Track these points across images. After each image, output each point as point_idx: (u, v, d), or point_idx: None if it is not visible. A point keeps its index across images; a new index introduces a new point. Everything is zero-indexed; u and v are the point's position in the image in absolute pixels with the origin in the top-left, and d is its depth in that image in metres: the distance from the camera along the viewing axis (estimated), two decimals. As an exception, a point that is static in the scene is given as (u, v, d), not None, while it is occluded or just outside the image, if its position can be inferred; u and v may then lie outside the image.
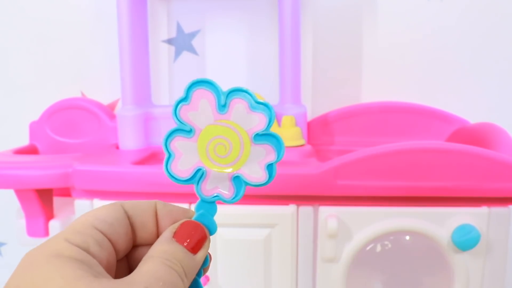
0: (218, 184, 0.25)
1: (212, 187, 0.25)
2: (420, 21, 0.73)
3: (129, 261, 0.25)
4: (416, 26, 0.73)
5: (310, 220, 0.53)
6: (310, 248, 0.54)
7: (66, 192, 0.58)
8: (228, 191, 0.25)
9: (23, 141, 0.74)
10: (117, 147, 0.69)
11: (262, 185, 0.24)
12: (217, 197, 0.25)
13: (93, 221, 0.22)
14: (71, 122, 0.71)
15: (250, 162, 0.24)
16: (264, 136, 0.24)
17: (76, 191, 0.56)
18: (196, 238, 0.22)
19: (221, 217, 0.53)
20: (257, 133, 0.24)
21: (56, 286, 0.18)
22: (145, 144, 0.69)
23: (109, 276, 0.20)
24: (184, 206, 0.54)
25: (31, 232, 0.57)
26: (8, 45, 0.77)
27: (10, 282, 0.19)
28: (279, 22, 0.66)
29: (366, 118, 0.70)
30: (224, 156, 0.24)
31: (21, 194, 0.56)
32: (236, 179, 0.25)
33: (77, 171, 0.54)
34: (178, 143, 0.24)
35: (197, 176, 0.25)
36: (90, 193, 0.56)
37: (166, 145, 0.24)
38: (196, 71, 0.76)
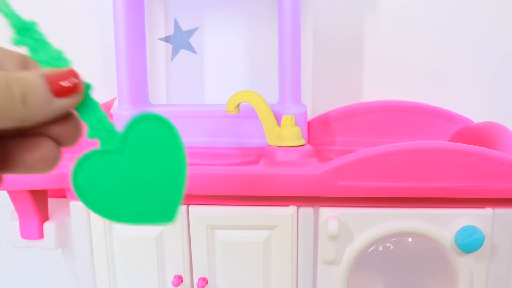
0: None
1: None
2: (422, 20, 0.72)
3: None
4: (418, 25, 0.72)
5: (311, 222, 0.53)
6: (311, 250, 0.53)
7: (61, 193, 0.58)
8: None
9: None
10: (114, 147, 0.68)
11: None
12: None
13: None
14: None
15: None
16: None
17: (72, 192, 0.55)
18: (65, 85, 0.19)
19: (220, 219, 0.53)
20: None
21: None
22: (142, 144, 0.69)
23: None
24: (182, 208, 0.53)
25: (25, 235, 0.56)
26: (3, 44, 0.76)
27: None
28: (279, 20, 0.65)
29: (367, 118, 0.69)
30: None
31: (15, 196, 0.55)
32: None
33: (72, 172, 0.54)
34: None
35: None
36: (86, 194, 0.55)
37: None
38: (194, 70, 0.75)
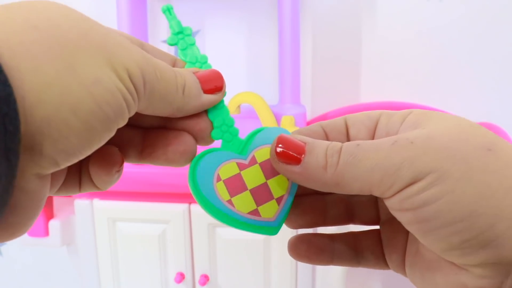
0: None
1: None
2: (420, 21, 0.73)
3: None
4: (416, 27, 0.73)
5: (310, 220, 0.53)
6: (310, 248, 0.54)
7: (66, 192, 0.58)
8: None
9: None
10: (117, 147, 0.69)
11: None
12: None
13: None
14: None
15: None
16: None
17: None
18: (213, 84, 0.21)
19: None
20: None
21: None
22: (145, 144, 0.69)
23: None
24: (184, 206, 0.54)
25: (31, 232, 0.57)
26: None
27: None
28: (279, 22, 0.66)
29: (365, 118, 0.70)
30: None
31: (21, 194, 0.56)
32: None
33: (77, 171, 0.54)
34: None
35: None
36: (90, 193, 0.56)
37: None
38: (196, 71, 0.75)
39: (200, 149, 0.22)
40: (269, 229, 0.23)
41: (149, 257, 0.56)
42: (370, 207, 0.23)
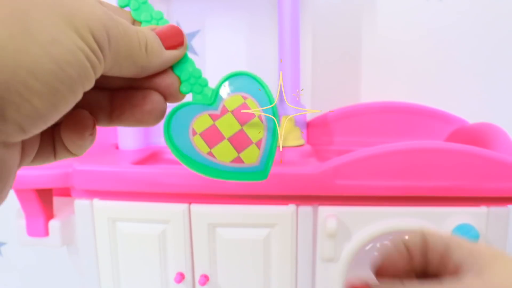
0: None
1: None
2: (420, 21, 0.73)
3: None
4: (416, 26, 0.73)
5: (310, 220, 0.53)
6: (310, 248, 0.54)
7: (66, 192, 0.58)
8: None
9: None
10: (117, 147, 0.69)
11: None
12: None
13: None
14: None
15: None
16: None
17: (76, 191, 0.56)
18: (174, 39, 0.21)
19: (221, 217, 0.54)
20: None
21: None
22: (145, 144, 0.69)
23: None
24: (184, 206, 0.54)
25: (31, 232, 0.57)
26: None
27: None
28: (279, 22, 0.66)
29: (365, 118, 0.70)
30: None
31: (21, 194, 0.55)
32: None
33: (77, 171, 0.54)
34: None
35: None
36: (90, 193, 0.56)
37: None
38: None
39: (172, 106, 0.22)
40: (256, 174, 0.23)
41: (149, 257, 0.56)
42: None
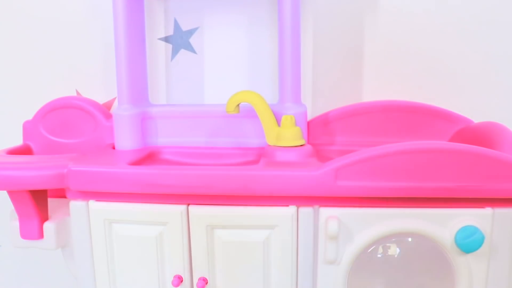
0: None
1: None
2: (422, 21, 0.72)
3: None
4: (418, 25, 0.72)
5: (310, 222, 0.53)
6: (310, 250, 0.53)
7: (61, 193, 0.58)
8: None
9: (17, 141, 0.73)
10: (113, 147, 0.68)
11: None
12: None
13: None
14: (66, 122, 0.70)
15: None
16: None
17: (71, 192, 0.55)
18: None
19: (220, 219, 0.53)
20: None
21: None
22: (142, 144, 0.69)
23: None
24: (182, 208, 0.54)
25: (25, 234, 0.56)
26: (3, 44, 0.76)
27: None
28: (279, 20, 0.65)
29: (367, 118, 0.69)
30: None
31: (15, 196, 0.55)
32: None
33: (72, 172, 0.54)
34: None
35: None
36: (86, 194, 0.55)
37: None
38: (194, 70, 0.75)
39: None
40: None
41: (146, 260, 0.55)
42: None
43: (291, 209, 0.52)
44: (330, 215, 0.52)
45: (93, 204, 0.55)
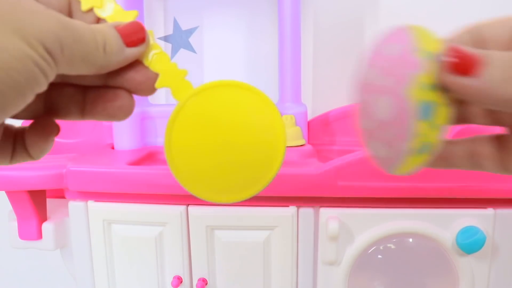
0: None
1: None
2: (423, 20, 0.72)
3: None
4: (419, 23, 0.72)
5: (311, 222, 0.52)
6: (311, 251, 0.53)
7: (60, 194, 0.57)
8: None
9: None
10: (113, 147, 0.68)
11: None
12: None
13: None
14: (65, 121, 0.69)
15: None
16: None
17: (70, 193, 0.55)
18: (135, 36, 0.22)
19: (220, 219, 0.53)
20: None
21: None
22: (141, 144, 0.68)
23: None
24: (181, 208, 0.53)
25: (24, 235, 0.56)
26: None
27: None
28: (279, 19, 0.65)
29: (368, 117, 0.69)
30: None
31: (13, 196, 0.54)
32: None
33: (71, 172, 0.53)
34: None
35: None
36: (85, 195, 0.55)
37: None
38: (194, 70, 0.74)
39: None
40: None
41: (146, 260, 0.55)
42: (486, 116, 0.23)
43: (291, 210, 0.52)
44: (331, 216, 0.51)
45: (92, 205, 0.55)
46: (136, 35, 0.22)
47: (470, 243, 0.49)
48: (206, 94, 0.22)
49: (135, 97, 0.23)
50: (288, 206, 0.52)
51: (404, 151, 0.18)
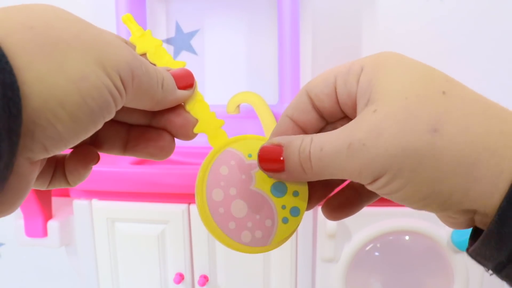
0: None
1: None
2: (420, 22, 0.72)
3: None
4: (416, 26, 0.72)
5: (309, 220, 0.53)
6: (309, 248, 0.54)
7: (65, 192, 0.58)
8: None
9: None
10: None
11: None
12: None
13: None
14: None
15: None
16: None
17: (75, 191, 0.56)
18: (186, 81, 0.24)
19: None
20: None
21: None
22: (144, 144, 0.69)
23: None
24: (183, 207, 0.54)
25: (30, 233, 0.57)
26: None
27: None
28: (278, 21, 0.65)
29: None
30: None
31: (19, 194, 0.55)
32: None
33: (76, 171, 0.54)
34: None
35: None
36: (89, 193, 0.56)
37: None
38: (195, 71, 0.75)
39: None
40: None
41: (148, 258, 0.56)
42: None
43: (290, 208, 0.53)
44: (329, 214, 0.52)
45: (96, 203, 0.55)
46: (186, 80, 0.23)
47: (465, 240, 0.50)
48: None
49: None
50: (287, 205, 0.53)
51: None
